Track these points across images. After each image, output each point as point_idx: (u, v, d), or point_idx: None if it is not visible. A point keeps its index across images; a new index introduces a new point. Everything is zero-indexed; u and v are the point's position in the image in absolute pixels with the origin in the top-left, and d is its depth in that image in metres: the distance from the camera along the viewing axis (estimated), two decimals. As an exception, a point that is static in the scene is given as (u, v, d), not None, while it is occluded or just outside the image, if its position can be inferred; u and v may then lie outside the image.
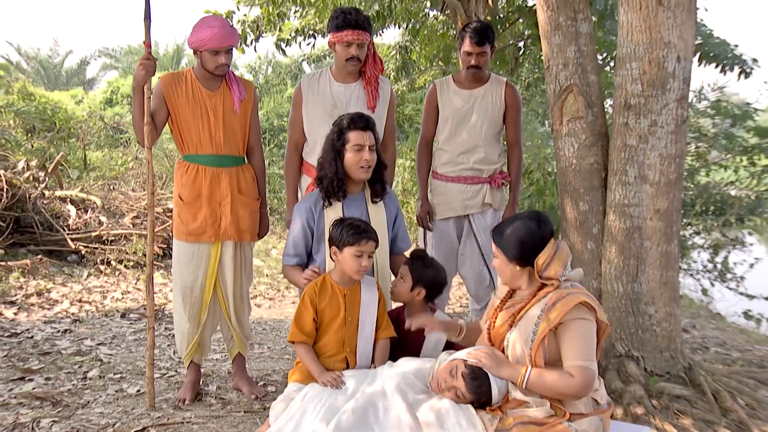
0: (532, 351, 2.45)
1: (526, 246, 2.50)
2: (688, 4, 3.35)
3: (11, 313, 5.25)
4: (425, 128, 4.14)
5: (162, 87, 3.51)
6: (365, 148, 3.08)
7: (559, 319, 2.41)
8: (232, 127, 3.55)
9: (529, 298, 2.56)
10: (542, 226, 2.53)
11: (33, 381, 3.88)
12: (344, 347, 2.94)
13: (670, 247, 3.45)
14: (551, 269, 2.48)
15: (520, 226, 2.53)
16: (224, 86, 3.56)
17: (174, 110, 3.51)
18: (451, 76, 4.10)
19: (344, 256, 2.88)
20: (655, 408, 3.22)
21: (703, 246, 8.21)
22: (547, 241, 2.51)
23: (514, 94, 3.97)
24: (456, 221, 4.00)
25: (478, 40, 3.82)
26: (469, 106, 3.95)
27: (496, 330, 2.64)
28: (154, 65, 3.41)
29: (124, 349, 4.65)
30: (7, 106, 10.48)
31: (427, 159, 4.15)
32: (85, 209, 7.64)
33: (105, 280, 6.59)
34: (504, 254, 2.55)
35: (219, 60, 3.44)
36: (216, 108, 3.51)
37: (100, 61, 28.43)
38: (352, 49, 3.50)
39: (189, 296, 3.58)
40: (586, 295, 2.46)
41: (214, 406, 3.61)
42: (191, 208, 3.52)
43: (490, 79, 4.00)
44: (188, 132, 3.52)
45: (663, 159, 3.40)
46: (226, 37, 3.42)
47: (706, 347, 4.79)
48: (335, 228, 2.93)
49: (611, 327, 3.44)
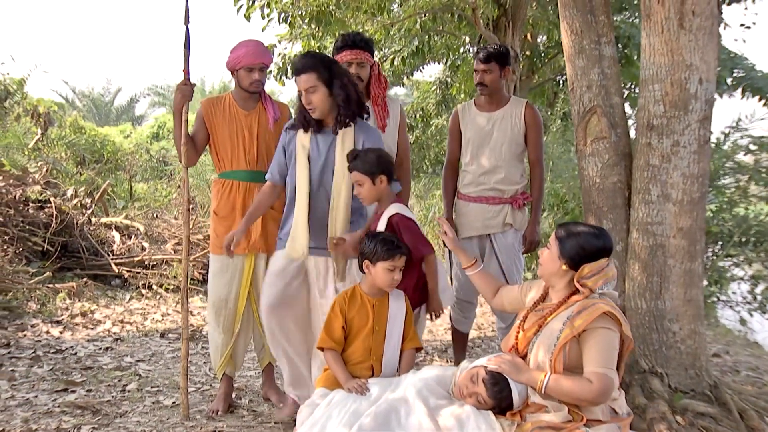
0: (553, 356, 2.51)
1: (584, 251, 2.59)
2: (710, 27, 3.43)
3: (57, 332, 5.46)
4: (450, 151, 4.26)
5: (202, 109, 3.74)
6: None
7: (584, 326, 2.48)
8: (267, 145, 3.72)
9: (558, 305, 2.64)
10: (605, 241, 2.64)
11: (75, 392, 4.04)
12: (371, 356, 3.03)
13: (693, 265, 3.48)
14: (592, 280, 2.57)
15: (585, 231, 2.64)
16: (260, 107, 3.75)
17: (212, 130, 3.72)
18: (473, 100, 4.21)
19: (377, 270, 2.99)
20: (679, 424, 3.22)
21: (743, 278, 8.11)
22: (602, 256, 2.61)
23: (533, 115, 4.04)
24: (478, 240, 4.07)
25: (483, 57, 3.94)
26: (489, 128, 4.04)
27: (524, 334, 2.71)
28: (191, 90, 3.63)
29: (162, 365, 4.80)
30: (60, 138, 10.94)
31: (452, 181, 4.25)
32: (129, 235, 7.91)
33: (146, 303, 6.79)
34: (559, 249, 2.63)
35: (253, 77, 3.64)
36: (251, 126, 3.70)
37: (149, 98, 29.34)
38: (352, 69, 3.64)
39: (223, 308, 3.72)
40: (612, 307, 2.53)
41: (245, 417, 3.72)
42: (226, 222, 3.69)
43: (510, 101, 4.09)
44: (224, 150, 3.71)
45: (686, 178, 3.45)
46: (259, 55, 3.63)
47: (737, 371, 4.74)
48: (368, 242, 3.05)
49: (635, 343, 3.48)
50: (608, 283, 2.62)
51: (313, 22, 8.29)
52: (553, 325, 2.59)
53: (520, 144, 4.05)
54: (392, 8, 9.60)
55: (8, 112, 10.22)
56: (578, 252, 2.60)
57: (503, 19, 9.26)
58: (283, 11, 8.29)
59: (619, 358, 2.58)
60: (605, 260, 2.60)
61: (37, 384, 4.16)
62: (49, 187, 7.61)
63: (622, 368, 2.65)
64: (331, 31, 8.62)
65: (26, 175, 7.57)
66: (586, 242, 2.60)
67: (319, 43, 9.22)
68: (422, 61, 12.04)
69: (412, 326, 3.17)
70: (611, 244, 2.67)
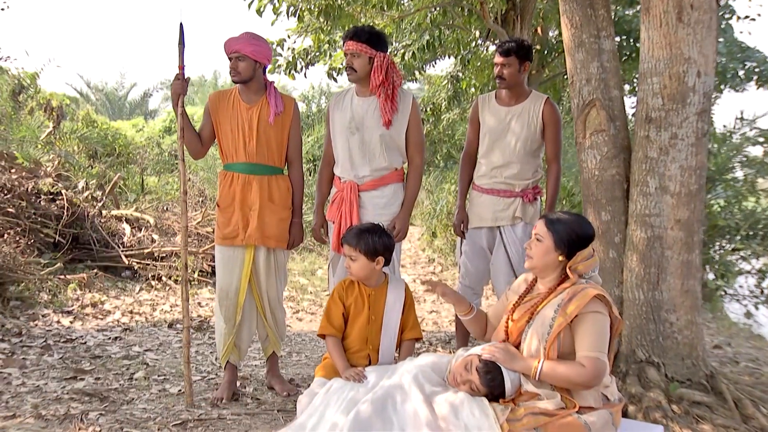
0: (547, 344, 2.56)
1: (580, 240, 2.65)
2: (709, 21, 3.45)
3: (67, 322, 5.55)
4: (468, 141, 4.26)
5: (209, 102, 3.82)
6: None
7: (576, 312, 2.53)
8: (267, 138, 3.77)
9: (547, 293, 2.69)
10: (590, 226, 2.72)
11: (84, 380, 4.12)
12: (367, 345, 3.09)
13: (691, 256, 3.51)
14: (584, 266, 2.63)
15: (575, 221, 2.69)
16: (263, 100, 3.79)
17: (216, 123, 3.79)
18: (494, 92, 4.17)
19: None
20: (674, 413, 3.27)
21: (750, 272, 8.10)
22: (591, 241, 2.68)
23: (552, 111, 3.98)
24: (488, 232, 4.09)
25: (503, 51, 3.92)
26: (506, 123, 4.01)
27: (514, 324, 2.75)
28: (184, 85, 3.67)
29: (170, 355, 4.89)
30: (72, 132, 11.06)
31: (468, 171, 4.26)
32: (139, 228, 8.00)
33: (155, 294, 6.88)
34: (554, 240, 2.67)
35: (231, 66, 3.69)
36: (252, 119, 3.75)
37: (162, 92, 29.49)
38: (347, 59, 3.69)
39: (225, 298, 3.79)
40: (601, 290, 2.59)
41: (249, 405, 3.79)
42: (226, 213, 3.75)
43: (530, 96, 4.05)
44: (226, 142, 3.78)
45: (684, 170, 3.48)
46: (233, 43, 3.66)
47: (736, 362, 4.77)
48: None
49: (633, 333, 3.53)
50: (594, 269, 2.68)
51: (321, 15, 8.31)
52: (545, 312, 2.63)
53: (536, 140, 4.01)
54: (402, 2, 9.60)
55: (22, 106, 10.34)
56: (574, 240, 2.65)
57: (512, 13, 9.25)
58: (292, 5, 8.32)
59: (610, 339, 2.62)
60: (591, 246, 2.67)
61: (47, 372, 4.25)
62: (61, 180, 7.71)
63: (612, 348, 2.69)
64: (340, 24, 8.64)
65: (38, 167, 7.67)
66: (580, 229, 2.66)
67: (328, 37, 9.25)
68: (433, 55, 12.03)
69: (413, 316, 3.23)
70: (593, 229, 2.75)
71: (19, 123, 9.77)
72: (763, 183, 8.44)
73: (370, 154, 3.72)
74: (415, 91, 22.66)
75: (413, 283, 8.81)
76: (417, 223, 13.93)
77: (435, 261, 10.94)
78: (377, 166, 3.72)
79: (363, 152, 3.72)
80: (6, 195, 6.66)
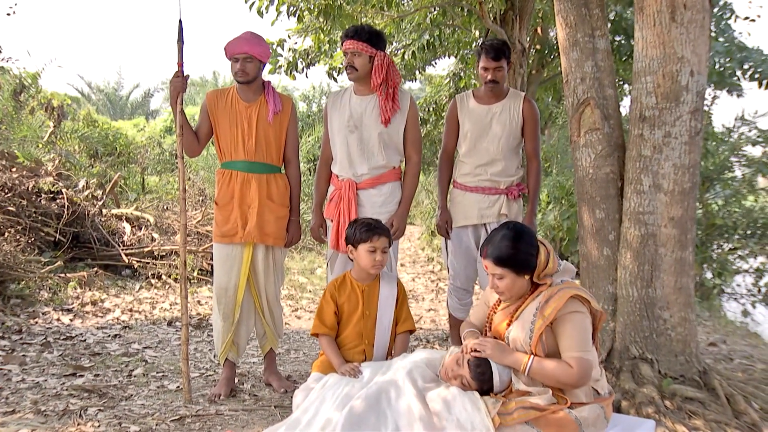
0: (532, 347, 2.59)
1: (530, 250, 2.63)
2: (702, 20, 3.49)
3: (68, 319, 5.59)
4: (446, 141, 4.28)
5: (207, 101, 3.84)
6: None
7: (554, 314, 2.55)
8: (266, 136, 3.80)
9: (525, 297, 2.71)
10: (528, 231, 2.69)
11: (83, 377, 4.16)
12: (362, 340, 3.13)
13: (684, 254, 3.54)
14: (551, 262, 2.64)
15: (513, 243, 2.62)
16: (261, 99, 3.82)
17: (214, 122, 3.82)
18: (471, 91, 4.23)
19: (359, 253, 3.08)
20: (667, 408, 3.30)
21: (748, 270, 8.14)
22: (536, 242, 2.67)
23: (531, 108, 4.06)
24: (473, 230, 4.12)
25: (494, 55, 3.95)
26: (488, 121, 4.06)
27: (494, 328, 2.79)
28: (183, 83, 3.69)
29: (169, 352, 4.92)
30: (73, 131, 11.09)
31: (447, 170, 4.30)
32: (139, 227, 8.04)
33: (155, 293, 6.92)
34: (512, 271, 2.63)
35: (237, 66, 3.70)
36: (250, 118, 3.77)
37: (163, 92, 29.55)
38: (348, 58, 3.71)
39: (223, 295, 3.82)
40: (577, 289, 2.60)
41: (247, 401, 3.82)
42: (224, 211, 3.78)
43: (509, 94, 4.11)
44: (225, 140, 3.80)
45: (677, 169, 3.52)
46: (241, 44, 3.67)
47: (731, 359, 4.79)
48: (349, 228, 3.16)
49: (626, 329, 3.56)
50: (558, 264, 2.68)
51: (321, 15, 8.34)
52: (524, 316, 2.65)
53: (517, 137, 4.08)
54: (402, 2, 9.63)
55: (23, 106, 10.36)
56: (527, 256, 2.63)
57: (511, 13, 9.27)
58: (291, 5, 8.35)
59: (594, 331, 2.65)
60: (541, 245, 2.67)
61: (47, 368, 4.28)
62: (62, 179, 7.74)
63: (597, 340, 2.72)
64: (340, 24, 8.66)
65: (39, 167, 7.70)
66: (528, 246, 2.63)
67: (328, 37, 9.28)
68: (434, 55, 12.05)
69: (405, 309, 3.26)
70: (529, 228, 2.73)
71: (20, 122, 9.79)
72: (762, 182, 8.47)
73: (369, 152, 3.75)
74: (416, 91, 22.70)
75: (412, 282, 8.85)
76: (417, 222, 13.96)
77: (434, 260, 10.97)
78: (375, 164, 3.76)
79: (361, 150, 3.75)
80: (7, 194, 6.69)
